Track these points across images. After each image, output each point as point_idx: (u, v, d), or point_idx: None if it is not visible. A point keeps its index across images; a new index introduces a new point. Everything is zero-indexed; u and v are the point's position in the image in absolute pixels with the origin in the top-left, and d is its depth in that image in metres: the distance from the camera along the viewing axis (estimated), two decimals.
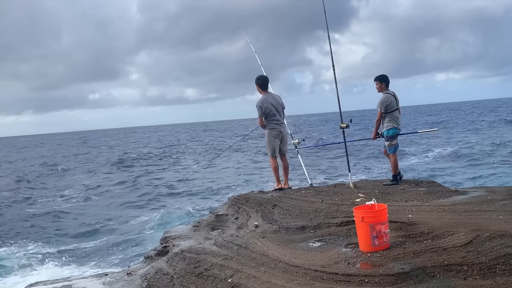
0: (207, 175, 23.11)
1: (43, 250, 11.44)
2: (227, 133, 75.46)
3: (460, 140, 30.62)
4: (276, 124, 7.16)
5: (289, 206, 5.96)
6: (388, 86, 7.11)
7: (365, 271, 3.62)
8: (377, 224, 4.08)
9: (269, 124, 7.16)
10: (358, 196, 6.01)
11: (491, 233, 3.92)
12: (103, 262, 10.42)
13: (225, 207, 6.92)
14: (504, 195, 5.65)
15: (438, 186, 6.90)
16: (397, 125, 7.03)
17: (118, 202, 17.89)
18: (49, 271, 9.37)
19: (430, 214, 4.94)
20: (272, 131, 7.16)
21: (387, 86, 7.10)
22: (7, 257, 10.93)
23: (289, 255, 4.31)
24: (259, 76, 7.31)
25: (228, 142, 48.63)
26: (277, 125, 7.16)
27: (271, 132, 7.17)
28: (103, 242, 12.19)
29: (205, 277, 4.24)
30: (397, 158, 7.20)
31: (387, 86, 7.10)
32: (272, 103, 7.11)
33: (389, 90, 7.09)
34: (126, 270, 5.75)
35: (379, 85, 7.11)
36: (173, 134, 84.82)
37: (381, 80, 7.10)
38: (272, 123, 7.14)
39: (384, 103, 6.95)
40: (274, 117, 7.13)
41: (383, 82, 7.09)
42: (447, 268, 3.53)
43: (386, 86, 7.09)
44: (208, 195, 18.11)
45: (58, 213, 16.26)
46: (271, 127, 7.16)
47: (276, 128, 7.16)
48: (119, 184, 22.89)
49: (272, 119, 7.13)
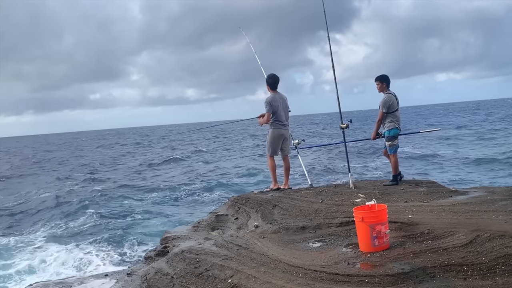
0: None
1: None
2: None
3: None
4: (280, 125, 7.17)
5: (289, 206, 5.96)
6: (389, 86, 7.13)
7: (365, 272, 3.62)
8: (377, 224, 4.08)
9: (274, 124, 7.17)
10: (358, 196, 6.01)
11: (491, 233, 3.92)
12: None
13: (225, 207, 6.93)
14: (504, 195, 5.65)
15: (438, 186, 6.90)
16: (398, 125, 7.05)
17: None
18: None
19: (430, 214, 4.95)
20: (275, 131, 7.17)
21: (388, 86, 7.12)
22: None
23: (289, 255, 4.31)
24: (270, 75, 7.33)
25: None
26: (281, 125, 7.17)
27: (274, 132, 7.18)
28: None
29: (205, 278, 4.24)
30: (397, 158, 7.21)
31: (388, 86, 7.12)
32: (280, 103, 7.14)
33: (390, 90, 7.11)
34: (126, 271, 5.76)
35: (380, 85, 7.12)
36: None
37: (382, 80, 7.11)
38: (277, 123, 7.16)
39: (387, 103, 6.97)
40: (280, 117, 7.15)
41: (384, 82, 7.10)
42: (447, 269, 3.54)
43: (387, 86, 7.11)
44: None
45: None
46: (275, 127, 7.17)
47: (280, 128, 7.17)
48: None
49: (278, 120, 7.15)
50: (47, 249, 11.61)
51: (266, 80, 7.29)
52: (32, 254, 11.15)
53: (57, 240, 12.52)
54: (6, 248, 11.82)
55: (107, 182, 23.91)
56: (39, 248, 11.77)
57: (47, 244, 12.12)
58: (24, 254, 11.25)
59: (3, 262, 10.69)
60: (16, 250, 11.63)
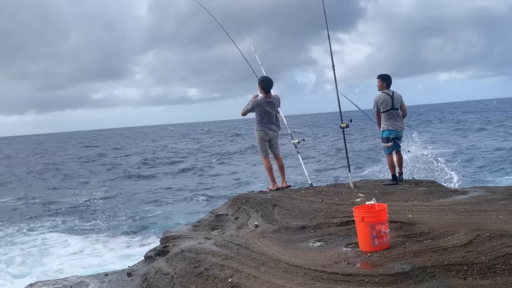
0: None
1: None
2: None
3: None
4: (264, 127, 7.16)
5: (289, 206, 5.96)
6: (388, 86, 7.09)
7: (365, 271, 3.62)
8: (377, 224, 4.08)
9: (257, 126, 7.22)
10: (358, 196, 6.01)
11: (491, 233, 3.92)
12: None
13: (225, 207, 6.92)
14: (504, 195, 5.66)
15: (438, 186, 6.90)
16: (393, 127, 6.99)
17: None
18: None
19: (430, 214, 4.95)
20: (259, 133, 7.20)
21: (388, 86, 7.08)
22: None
23: (289, 255, 4.31)
24: (263, 78, 7.27)
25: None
26: (265, 127, 7.16)
27: (259, 134, 7.21)
28: None
29: (205, 277, 4.24)
30: (393, 158, 7.14)
31: (388, 86, 7.08)
32: (268, 111, 7.12)
33: (389, 90, 7.06)
34: (126, 270, 5.75)
35: (380, 83, 7.10)
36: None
37: (383, 79, 7.09)
38: (260, 125, 7.18)
39: (376, 102, 7.01)
40: (265, 122, 7.15)
41: (385, 82, 7.08)
42: (447, 268, 3.54)
43: (387, 86, 7.08)
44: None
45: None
46: (258, 129, 7.21)
47: (263, 130, 7.18)
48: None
49: (261, 122, 7.16)
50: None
51: (259, 82, 7.21)
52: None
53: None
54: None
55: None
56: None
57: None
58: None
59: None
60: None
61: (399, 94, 7.10)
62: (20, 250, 11.67)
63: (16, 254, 11.26)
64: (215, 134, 71.24)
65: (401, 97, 7.13)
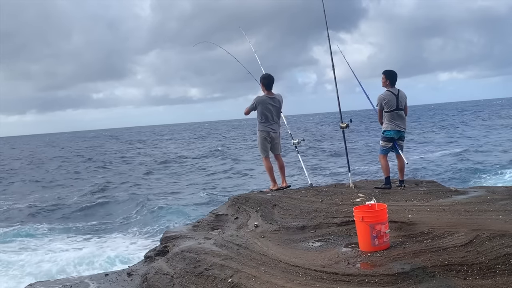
0: None
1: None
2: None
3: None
4: (266, 126, 7.14)
5: (289, 206, 5.95)
6: (393, 84, 6.72)
7: (365, 271, 3.62)
8: (377, 224, 4.08)
9: (260, 126, 7.19)
10: (358, 196, 6.01)
11: (491, 233, 3.92)
12: None
13: (225, 207, 6.92)
14: (504, 195, 5.66)
15: (438, 186, 6.90)
16: (395, 127, 6.69)
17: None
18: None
19: (430, 214, 4.94)
20: (262, 133, 7.19)
21: (392, 84, 6.72)
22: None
23: (289, 255, 4.31)
24: (265, 76, 7.23)
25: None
26: (267, 126, 7.14)
27: (261, 134, 7.20)
28: None
29: (205, 277, 4.24)
30: (388, 161, 6.87)
31: (392, 84, 6.72)
32: (271, 109, 7.09)
33: (394, 88, 6.71)
34: (126, 270, 5.75)
35: (384, 80, 6.75)
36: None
37: (387, 75, 6.73)
38: (263, 124, 7.15)
39: (380, 100, 6.71)
40: (268, 122, 7.13)
41: (388, 79, 6.72)
42: (447, 268, 3.54)
43: (391, 83, 6.71)
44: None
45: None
46: (260, 129, 7.19)
47: (266, 130, 7.16)
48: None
49: (264, 121, 7.13)
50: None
51: (261, 80, 7.19)
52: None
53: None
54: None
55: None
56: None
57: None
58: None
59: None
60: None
61: (404, 94, 6.75)
62: (20, 250, 11.68)
63: (16, 254, 11.27)
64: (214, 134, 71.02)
65: (406, 97, 6.79)
